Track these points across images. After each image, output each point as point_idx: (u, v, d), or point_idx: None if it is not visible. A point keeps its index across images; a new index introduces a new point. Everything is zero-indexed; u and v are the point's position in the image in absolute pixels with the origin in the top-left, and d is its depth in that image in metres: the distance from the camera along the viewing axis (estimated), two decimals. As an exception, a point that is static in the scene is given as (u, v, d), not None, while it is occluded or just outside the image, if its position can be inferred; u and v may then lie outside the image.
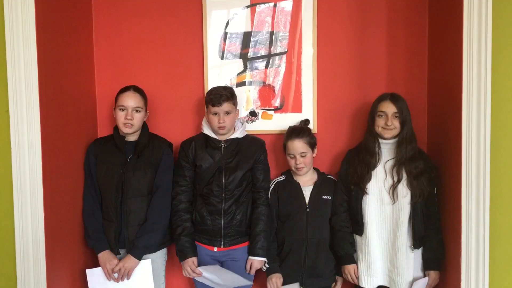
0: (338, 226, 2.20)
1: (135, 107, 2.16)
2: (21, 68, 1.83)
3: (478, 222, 1.87)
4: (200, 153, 2.21)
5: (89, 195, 2.21)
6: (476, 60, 1.85)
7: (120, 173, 2.15)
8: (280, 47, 2.47)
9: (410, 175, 2.07)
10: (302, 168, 2.22)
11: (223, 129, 2.17)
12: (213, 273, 2.16)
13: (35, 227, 1.87)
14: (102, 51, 2.50)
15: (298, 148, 2.20)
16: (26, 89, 1.83)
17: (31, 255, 1.87)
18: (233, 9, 2.46)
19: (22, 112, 1.84)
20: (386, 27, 2.43)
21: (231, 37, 2.47)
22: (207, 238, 2.21)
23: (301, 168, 2.22)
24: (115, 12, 2.48)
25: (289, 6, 2.45)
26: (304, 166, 2.22)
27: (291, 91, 2.47)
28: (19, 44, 1.82)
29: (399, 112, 2.09)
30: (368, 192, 2.12)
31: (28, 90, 1.83)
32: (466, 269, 1.91)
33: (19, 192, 1.86)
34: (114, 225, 2.15)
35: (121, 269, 2.12)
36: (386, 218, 2.12)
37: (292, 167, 2.25)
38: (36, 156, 1.86)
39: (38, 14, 1.85)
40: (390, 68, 2.43)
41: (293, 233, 2.21)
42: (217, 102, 2.12)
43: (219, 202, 2.18)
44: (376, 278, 2.14)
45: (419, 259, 2.14)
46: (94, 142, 2.28)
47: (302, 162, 2.21)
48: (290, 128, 2.30)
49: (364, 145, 2.19)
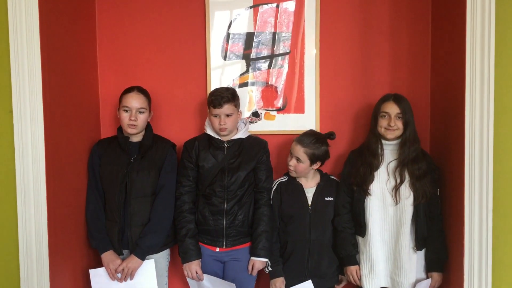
0: (341, 227, 2.20)
1: (139, 108, 2.17)
2: (25, 68, 1.83)
3: (481, 223, 1.87)
4: (203, 154, 2.21)
5: (92, 195, 2.21)
6: (479, 61, 1.85)
7: (124, 174, 2.15)
8: (282, 47, 2.47)
9: (413, 176, 2.07)
10: (291, 170, 2.22)
11: (224, 131, 2.17)
12: (212, 282, 2.18)
13: (38, 227, 1.87)
14: (105, 52, 2.50)
15: (297, 152, 2.19)
16: (29, 89, 1.83)
17: (34, 255, 1.88)
18: (236, 10, 2.46)
19: (25, 113, 1.84)
20: (389, 27, 2.42)
21: (234, 37, 2.47)
22: (209, 238, 2.21)
23: (291, 170, 2.23)
24: (118, 13, 2.49)
25: (292, 7, 2.45)
26: (294, 170, 2.21)
27: (294, 92, 2.47)
28: (23, 45, 1.82)
29: (402, 113, 2.08)
30: (370, 193, 2.12)
31: (32, 90, 1.83)
32: (469, 270, 1.91)
33: (22, 192, 1.86)
34: (118, 225, 2.15)
35: (125, 269, 2.12)
36: (388, 220, 2.12)
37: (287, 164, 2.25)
38: (40, 156, 1.86)
39: (42, 15, 1.85)
40: (393, 69, 2.43)
41: (296, 234, 2.21)
42: (218, 104, 2.12)
43: (221, 203, 2.18)
44: (378, 279, 2.14)
45: (421, 261, 2.14)
46: (98, 143, 2.29)
47: (294, 166, 2.20)
48: (309, 131, 2.28)
49: (366, 146, 2.19)
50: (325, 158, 2.24)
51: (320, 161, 2.22)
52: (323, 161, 2.24)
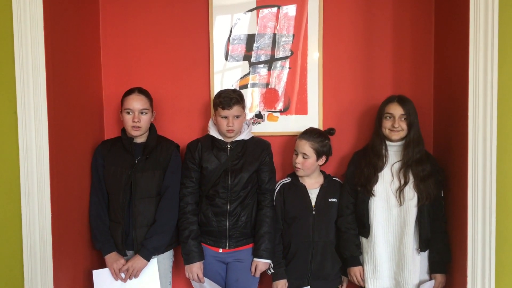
0: (344, 228, 2.20)
1: (141, 109, 2.17)
2: (29, 70, 1.83)
3: (484, 225, 1.87)
4: (206, 155, 2.21)
5: (95, 197, 2.21)
6: (482, 62, 1.85)
7: (128, 175, 2.15)
8: (285, 50, 2.47)
9: (417, 178, 2.07)
10: (299, 169, 2.22)
11: (232, 132, 2.17)
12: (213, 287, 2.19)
13: (42, 228, 1.87)
14: (109, 54, 2.51)
15: (302, 148, 2.20)
16: (34, 91, 1.84)
17: (38, 256, 1.88)
18: (238, 13, 2.47)
19: (30, 114, 1.84)
20: (391, 29, 2.43)
21: (236, 40, 2.48)
22: (213, 239, 2.21)
23: (298, 168, 2.22)
24: (122, 15, 2.50)
25: (293, 9, 2.45)
26: (301, 168, 2.21)
27: (297, 94, 2.48)
28: (27, 46, 1.83)
29: (407, 114, 2.08)
30: (374, 194, 2.12)
31: (36, 92, 1.84)
32: (472, 272, 1.91)
33: (26, 193, 1.86)
34: (121, 226, 2.15)
35: (129, 269, 2.11)
36: (392, 221, 2.12)
37: (293, 163, 2.25)
38: (44, 157, 1.86)
39: (46, 16, 1.86)
40: (396, 71, 2.44)
41: (299, 235, 2.21)
42: (227, 106, 2.12)
43: (224, 204, 2.18)
44: (382, 280, 2.14)
45: (425, 262, 2.14)
46: (101, 144, 2.29)
47: (301, 163, 2.20)
48: (309, 127, 2.29)
49: (371, 147, 2.19)
50: (330, 152, 2.25)
51: (325, 155, 2.23)
52: (328, 156, 2.25)
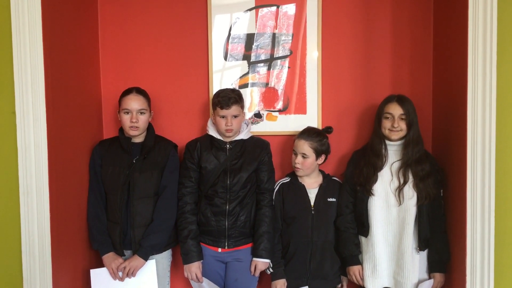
0: (343, 227, 2.20)
1: (139, 109, 2.16)
2: (28, 69, 1.83)
3: (483, 224, 1.87)
4: (205, 155, 2.21)
5: (93, 197, 2.21)
6: (481, 61, 1.85)
7: (126, 175, 2.15)
8: (284, 49, 2.47)
9: (417, 177, 2.07)
10: (299, 169, 2.22)
11: (230, 132, 2.17)
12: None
13: (41, 228, 1.87)
14: (107, 53, 2.50)
15: (301, 148, 2.20)
16: (32, 90, 1.83)
17: (37, 255, 1.87)
18: (237, 12, 2.46)
19: (28, 114, 1.84)
20: (390, 28, 2.43)
21: (235, 39, 2.48)
22: (212, 239, 2.21)
23: (298, 168, 2.22)
24: (121, 14, 2.49)
25: (292, 9, 2.45)
26: (301, 168, 2.21)
27: (296, 93, 2.47)
28: (26, 46, 1.82)
29: (406, 114, 2.08)
30: (374, 194, 2.12)
31: (35, 91, 1.84)
32: (471, 271, 1.91)
33: (25, 192, 1.86)
34: (119, 226, 2.15)
35: (127, 267, 2.11)
36: (391, 220, 2.12)
37: (292, 164, 2.25)
38: (42, 157, 1.86)
39: (45, 16, 1.85)
40: (395, 70, 2.44)
41: (298, 235, 2.21)
42: (225, 105, 2.12)
43: (223, 203, 2.18)
44: (381, 279, 2.14)
45: (424, 261, 2.14)
46: (99, 144, 2.28)
47: (300, 163, 2.20)
48: (307, 127, 2.30)
49: (370, 146, 2.19)
50: (328, 151, 2.26)
51: (324, 154, 2.23)
52: (327, 155, 2.26)
